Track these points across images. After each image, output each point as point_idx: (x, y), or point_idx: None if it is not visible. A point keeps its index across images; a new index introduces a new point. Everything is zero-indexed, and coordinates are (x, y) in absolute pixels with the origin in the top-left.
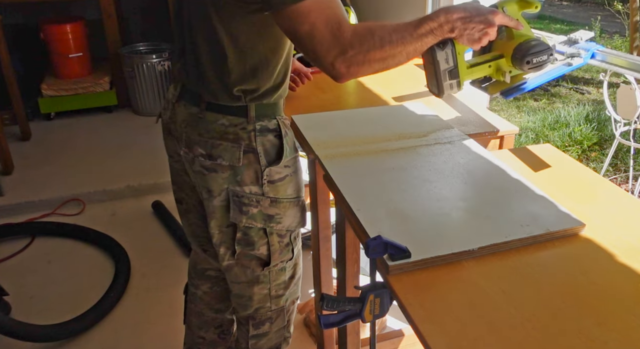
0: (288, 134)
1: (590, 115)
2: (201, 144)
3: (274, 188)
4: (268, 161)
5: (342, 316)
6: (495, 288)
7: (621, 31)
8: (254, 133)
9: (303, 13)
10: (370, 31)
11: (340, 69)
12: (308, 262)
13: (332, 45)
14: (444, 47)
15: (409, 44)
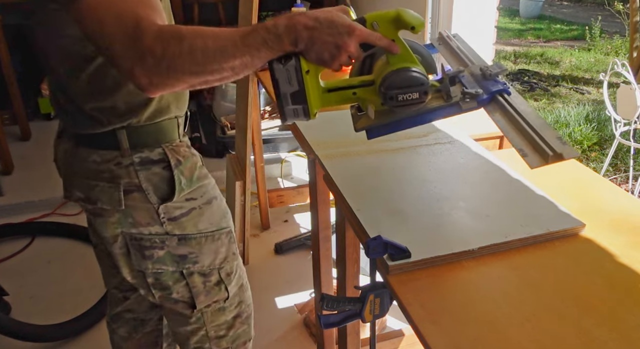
0: (183, 162)
1: (590, 115)
2: (78, 186)
3: (179, 225)
4: (161, 197)
5: (342, 316)
6: (495, 287)
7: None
8: (133, 168)
9: (89, 8)
10: (178, 36)
11: (140, 79)
12: (308, 262)
13: (127, 49)
14: (285, 63)
15: (232, 56)
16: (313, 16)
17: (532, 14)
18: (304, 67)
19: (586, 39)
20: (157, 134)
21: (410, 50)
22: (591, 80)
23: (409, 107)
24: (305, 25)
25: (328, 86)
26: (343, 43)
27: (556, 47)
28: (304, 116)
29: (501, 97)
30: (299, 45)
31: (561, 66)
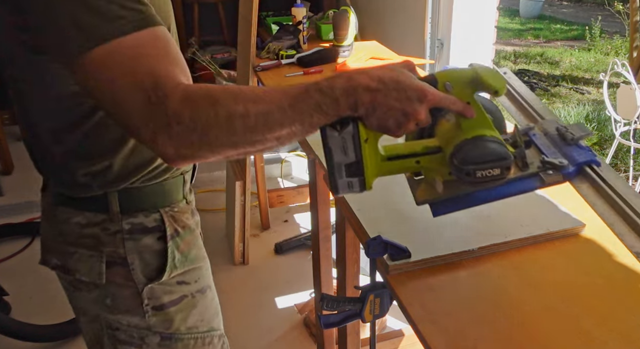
0: (181, 233)
1: (590, 115)
2: (55, 252)
3: (166, 318)
4: (148, 275)
5: (342, 316)
6: (495, 287)
7: (621, 31)
8: (121, 236)
9: (96, 64)
10: (211, 99)
11: (165, 150)
12: (308, 262)
13: (147, 115)
14: (341, 130)
15: (279, 125)
16: (376, 76)
17: (532, 14)
18: (363, 134)
19: (586, 39)
20: (157, 196)
21: (486, 114)
22: (591, 80)
23: (486, 184)
24: (367, 87)
25: (388, 154)
26: (413, 110)
27: (556, 47)
28: (359, 188)
29: (590, 168)
30: (359, 110)
31: (561, 66)
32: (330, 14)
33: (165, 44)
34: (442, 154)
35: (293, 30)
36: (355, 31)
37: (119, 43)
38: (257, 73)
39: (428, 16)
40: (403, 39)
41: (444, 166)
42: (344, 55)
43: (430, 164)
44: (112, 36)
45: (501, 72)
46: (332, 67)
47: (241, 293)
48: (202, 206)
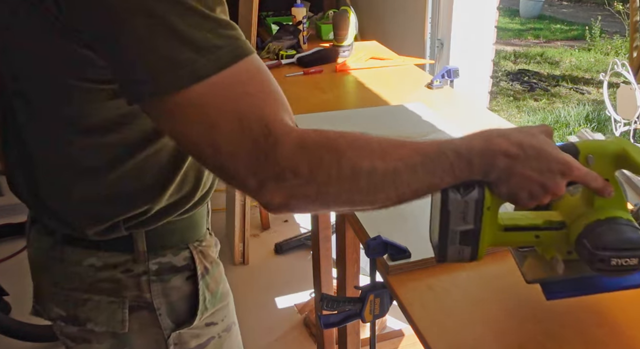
0: (210, 270)
1: (590, 115)
2: (58, 300)
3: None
4: (175, 320)
5: (342, 316)
6: (495, 288)
7: (621, 31)
8: (147, 278)
9: (188, 108)
10: (334, 150)
11: (273, 200)
12: (308, 262)
13: (255, 163)
14: (465, 194)
15: (406, 185)
16: (517, 141)
17: (532, 14)
18: (487, 202)
19: (586, 39)
20: (186, 231)
21: (623, 195)
22: (591, 80)
23: (618, 273)
24: (505, 152)
25: (505, 223)
26: (553, 184)
27: (556, 47)
28: (469, 258)
29: None
30: (491, 176)
31: (561, 66)
32: (330, 14)
33: (266, 77)
34: (566, 232)
35: (293, 30)
36: (355, 31)
37: (218, 79)
38: None
39: (428, 16)
40: (403, 39)
41: (566, 244)
42: (344, 55)
43: (551, 240)
44: (210, 72)
45: None
46: (332, 67)
47: (241, 293)
48: None
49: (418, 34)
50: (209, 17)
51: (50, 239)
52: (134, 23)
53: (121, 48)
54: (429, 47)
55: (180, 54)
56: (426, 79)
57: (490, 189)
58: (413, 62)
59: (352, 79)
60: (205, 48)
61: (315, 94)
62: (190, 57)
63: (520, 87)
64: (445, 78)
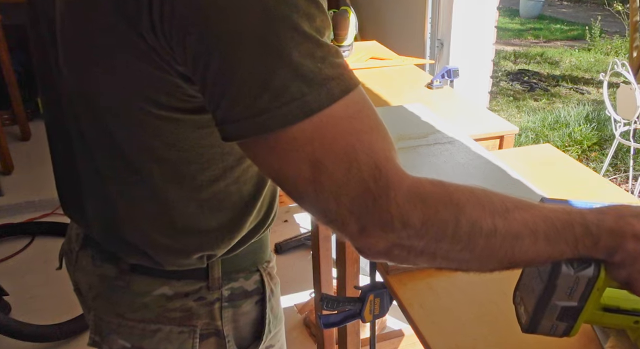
0: (275, 291)
1: (590, 115)
2: (123, 332)
3: None
4: (241, 345)
5: (342, 316)
6: (495, 288)
7: (621, 31)
8: (219, 305)
9: (292, 144)
10: (451, 203)
11: (376, 246)
12: (308, 262)
13: (362, 207)
14: (579, 270)
15: (523, 253)
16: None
17: (532, 14)
18: (600, 282)
19: (586, 39)
20: (257, 252)
21: None
22: (591, 80)
23: None
24: (636, 235)
25: (605, 303)
26: None
27: (556, 47)
28: (560, 334)
29: None
30: (615, 257)
31: (561, 66)
32: (330, 14)
33: (372, 111)
34: None
35: None
36: (355, 31)
37: (327, 114)
38: None
39: (428, 16)
40: (403, 39)
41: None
42: (344, 55)
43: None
44: (320, 106)
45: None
46: None
47: None
48: None
49: (418, 34)
50: (321, 45)
51: (114, 267)
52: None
53: (226, 77)
54: (429, 47)
55: (290, 87)
56: (426, 79)
57: (607, 269)
58: (413, 62)
59: None
60: (317, 80)
61: None
62: (301, 90)
63: (520, 87)
64: (445, 78)
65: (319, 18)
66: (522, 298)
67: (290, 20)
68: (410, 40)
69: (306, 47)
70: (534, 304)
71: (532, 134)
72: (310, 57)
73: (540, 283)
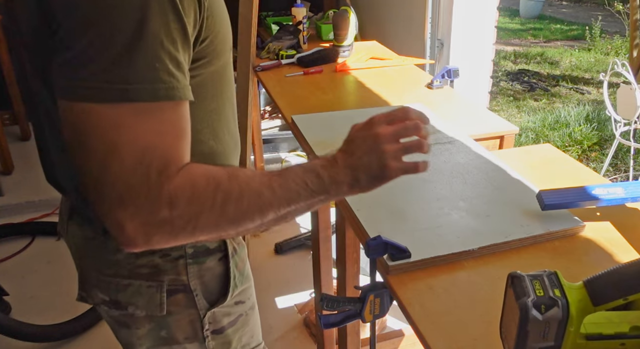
0: (238, 251)
1: (590, 115)
2: (101, 286)
3: (224, 340)
4: (210, 300)
5: (342, 316)
6: (495, 288)
7: (621, 31)
8: (184, 261)
9: (107, 123)
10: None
11: (135, 236)
12: (308, 262)
13: (137, 196)
14: (547, 314)
15: (268, 203)
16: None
17: (532, 14)
18: (571, 323)
19: (586, 39)
20: None
21: None
22: (591, 80)
23: None
24: (339, 151)
25: (588, 332)
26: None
27: (556, 47)
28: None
29: None
30: (341, 178)
31: (561, 66)
32: (330, 14)
33: (186, 125)
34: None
35: (293, 30)
36: (355, 31)
37: (143, 108)
38: (257, 73)
39: (428, 16)
40: (403, 39)
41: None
42: (344, 55)
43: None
44: (140, 98)
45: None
46: (332, 67)
47: None
48: None
49: (418, 34)
50: (169, 54)
51: (91, 228)
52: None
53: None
54: (429, 47)
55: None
56: (426, 79)
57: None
58: (413, 62)
59: (352, 79)
60: (149, 77)
61: (315, 94)
62: (128, 78)
63: (520, 87)
64: (445, 78)
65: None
66: (505, 336)
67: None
68: (410, 40)
69: (156, 50)
70: (513, 347)
71: (532, 134)
72: (156, 60)
73: (515, 326)
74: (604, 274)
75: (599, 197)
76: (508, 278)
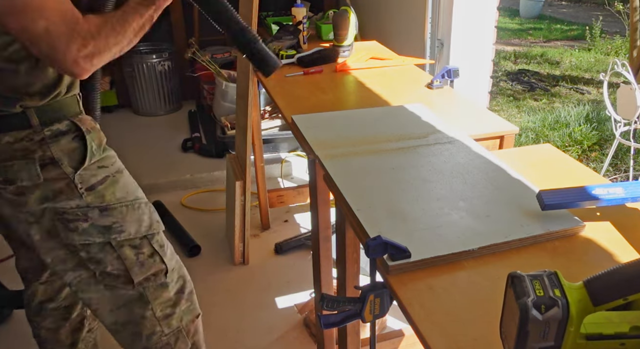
0: (92, 132)
1: (590, 115)
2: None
3: (98, 195)
4: (74, 166)
5: (342, 316)
6: (495, 288)
7: (621, 31)
8: (45, 141)
9: (36, 8)
10: (103, 18)
11: (83, 64)
12: (308, 262)
13: (72, 39)
14: (547, 313)
15: (130, 22)
16: None
17: (532, 14)
18: (572, 323)
19: (586, 39)
20: (63, 109)
21: None
22: (591, 81)
23: None
24: None
25: (588, 331)
26: None
27: (556, 47)
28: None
29: None
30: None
31: (561, 66)
32: (330, 14)
33: None
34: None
35: (293, 30)
36: (355, 31)
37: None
38: (257, 73)
39: (428, 16)
40: (403, 39)
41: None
42: (344, 55)
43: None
44: None
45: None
46: (332, 67)
47: (241, 293)
48: (202, 206)
49: (418, 34)
50: None
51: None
52: None
53: None
54: (429, 47)
55: None
56: (426, 79)
57: None
58: (413, 62)
59: (352, 79)
60: None
61: (315, 94)
62: None
63: (520, 87)
64: (445, 78)
65: None
66: (505, 336)
67: None
68: (410, 40)
69: None
70: (513, 347)
71: (532, 134)
72: None
73: (515, 326)
74: (604, 274)
75: (599, 197)
76: (508, 278)
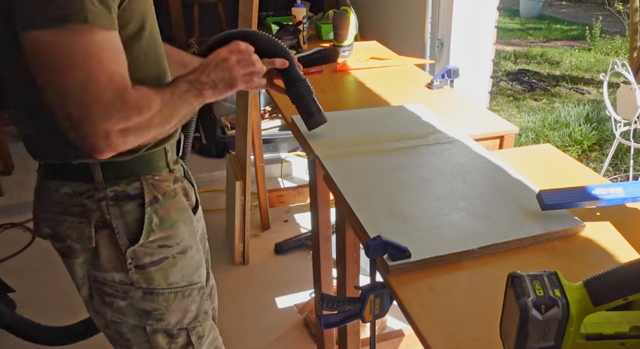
0: (161, 200)
1: (590, 115)
2: (46, 221)
3: (146, 275)
4: (130, 238)
5: (342, 316)
6: (495, 288)
7: (621, 31)
8: (106, 203)
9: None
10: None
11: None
12: (308, 262)
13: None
14: (547, 313)
15: (176, 110)
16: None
17: (532, 14)
18: (572, 323)
19: (586, 39)
20: (137, 166)
21: None
22: (591, 81)
23: None
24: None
25: (588, 331)
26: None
27: (556, 47)
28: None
29: None
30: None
31: (561, 66)
32: (330, 14)
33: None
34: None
35: (293, 30)
36: (355, 31)
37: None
38: None
39: (428, 16)
40: (403, 39)
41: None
42: (344, 55)
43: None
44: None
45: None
46: (332, 67)
47: (241, 293)
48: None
49: (418, 34)
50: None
51: (39, 174)
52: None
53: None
54: (429, 47)
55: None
56: (426, 79)
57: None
58: (413, 62)
59: (352, 79)
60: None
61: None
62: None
63: (520, 87)
64: (445, 78)
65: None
66: (505, 336)
67: None
68: (410, 40)
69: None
70: (513, 347)
71: (532, 134)
72: None
73: (515, 326)
74: (604, 274)
75: (599, 197)
76: (508, 278)
